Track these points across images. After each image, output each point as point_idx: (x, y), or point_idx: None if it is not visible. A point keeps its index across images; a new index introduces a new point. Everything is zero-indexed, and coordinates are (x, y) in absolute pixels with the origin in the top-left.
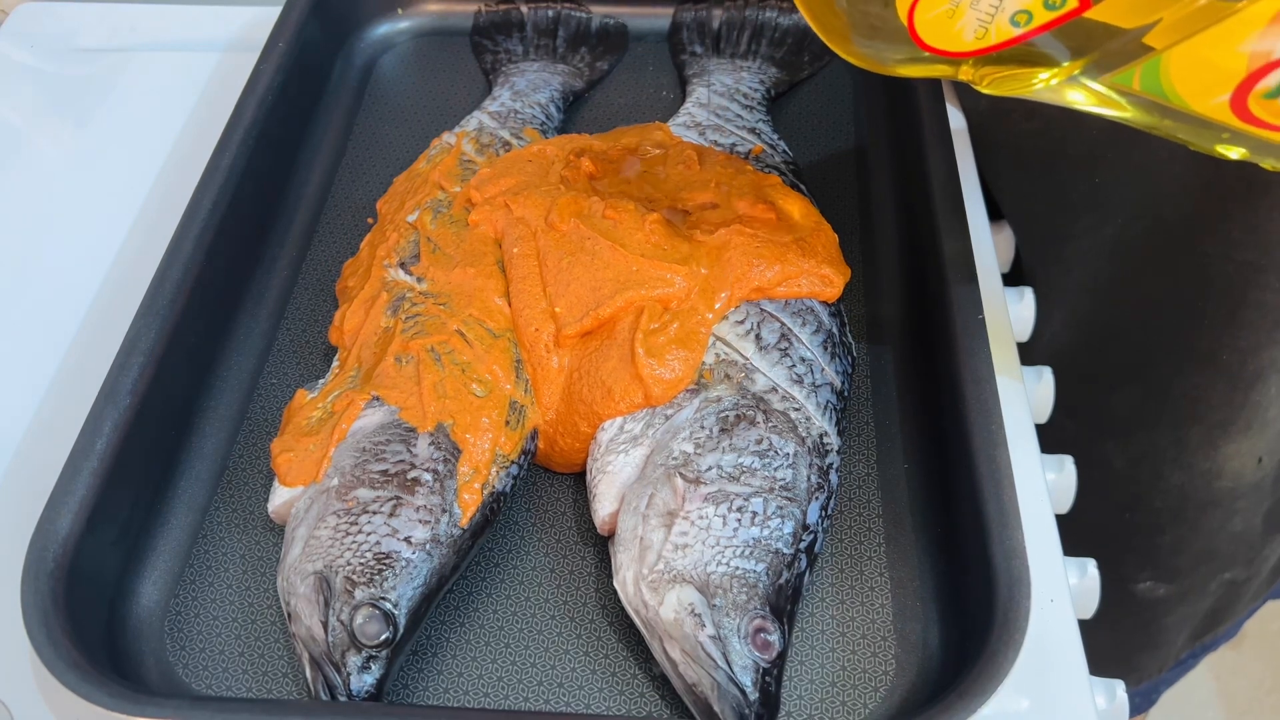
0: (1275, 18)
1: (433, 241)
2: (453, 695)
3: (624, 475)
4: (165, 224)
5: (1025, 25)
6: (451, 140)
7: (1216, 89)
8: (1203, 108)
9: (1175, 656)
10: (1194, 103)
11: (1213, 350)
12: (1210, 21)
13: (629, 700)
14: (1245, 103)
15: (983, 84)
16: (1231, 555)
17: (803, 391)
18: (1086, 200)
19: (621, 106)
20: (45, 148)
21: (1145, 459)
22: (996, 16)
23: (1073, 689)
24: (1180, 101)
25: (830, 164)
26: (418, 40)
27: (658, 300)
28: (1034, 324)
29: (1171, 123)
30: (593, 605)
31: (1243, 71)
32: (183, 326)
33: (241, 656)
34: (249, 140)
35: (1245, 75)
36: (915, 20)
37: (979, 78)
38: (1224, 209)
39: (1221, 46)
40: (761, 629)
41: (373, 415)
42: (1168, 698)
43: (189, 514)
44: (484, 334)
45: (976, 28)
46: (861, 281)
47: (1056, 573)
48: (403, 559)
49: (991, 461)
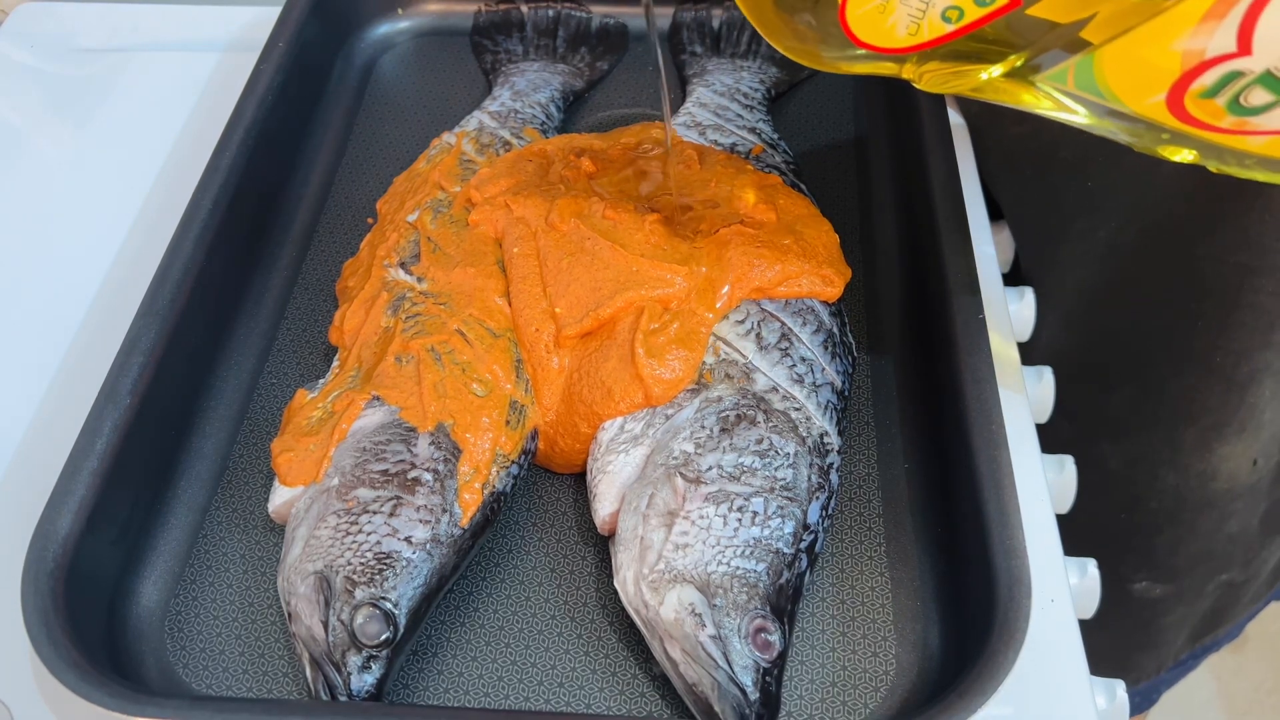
0: (1207, 15)
1: (433, 241)
2: (453, 695)
3: (624, 475)
4: (165, 224)
5: (957, 21)
6: (451, 140)
7: (1152, 88)
8: (1140, 107)
9: (1174, 657)
10: (1130, 102)
11: (1207, 352)
12: (1144, 17)
13: (629, 700)
14: (1181, 102)
15: (922, 81)
16: (1228, 556)
17: (803, 391)
18: (1080, 204)
19: (621, 106)
20: (45, 148)
21: (1141, 460)
22: (928, 13)
23: (1073, 689)
24: (1116, 100)
25: (830, 164)
26: (418, 40)
27: (658, 300)
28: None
29: (1112, 124)
30: (593, 605)
31: (1177, 70)
32: (183, 326)
33: (241, 656)
34: (249, 140)
35: (1180, 74)
36: (847, 17)
37: (919, 75)
38: (1216, 212)
39: (1156, 44)
40: (762, 629)
41: (373, 415)
42: (1168, 698)
43: (189, 514)
44: (484, 334)
45: (908, 24)
46: (862, 281)
47: (1057, 573)
48: (403, 559)
49: (992, 461)
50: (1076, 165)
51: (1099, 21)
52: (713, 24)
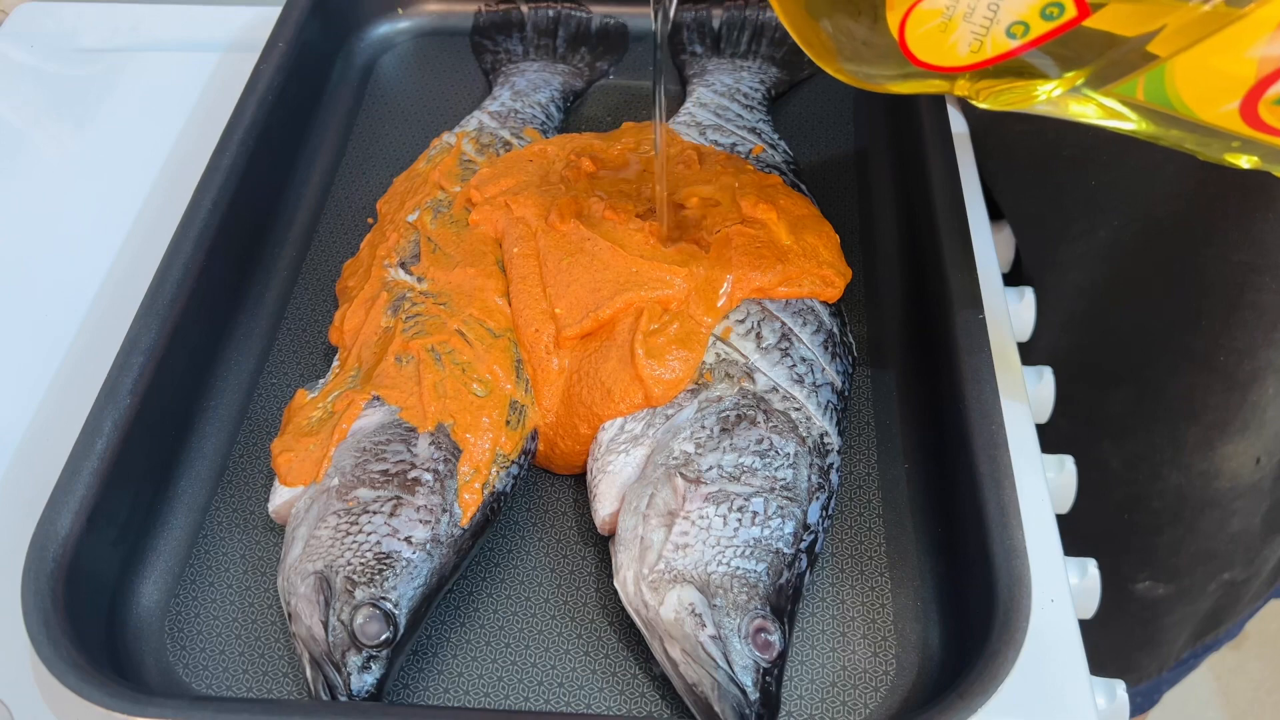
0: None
1: (433, 241)
2: (453, 695)
3: (624, 475)
4: (165, 224)
5: (1022, 37)
6: (451, 140)
7: (1225, 96)
8: (1211, 116)
9: (1176, 656)
10: (1201, 111)
11: (1209, 351)
12: (1216, 27)
13: (629, 700)
14: (1256, 110)
15: (979, 98)
16: (1230, 555)
17: (803, 391)
18: (1082, 202)
19: (621, 106)
20: (45, 148)
21: (1143, 459)
22: (992, 29)
23: (1073, 689)
24: (1187, 110)
25: (830, 164)
26: (418, 40)
27: (657, 302)
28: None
29: (1179, 132)
30: (593, 605)
31: (1252, 78)
32: (183, 326)
33: (241, 656)
34: (249, 140)
35: (1255, 81)
36: (907, 36)
37: (975, 92)
38: (1219, 210)
39: (1229, 53)
40: (762, 629)
41: (373, 415)
42: (1168, 697)
43: (189, 514)
44: (484, 334)
45: (971, 41)
46: (862, 281)
47: (1057, 573)
48: (403, 559)
49: (992, 461)
50: (1078, 163)
51: (1168, 33)
52: (713, 24)
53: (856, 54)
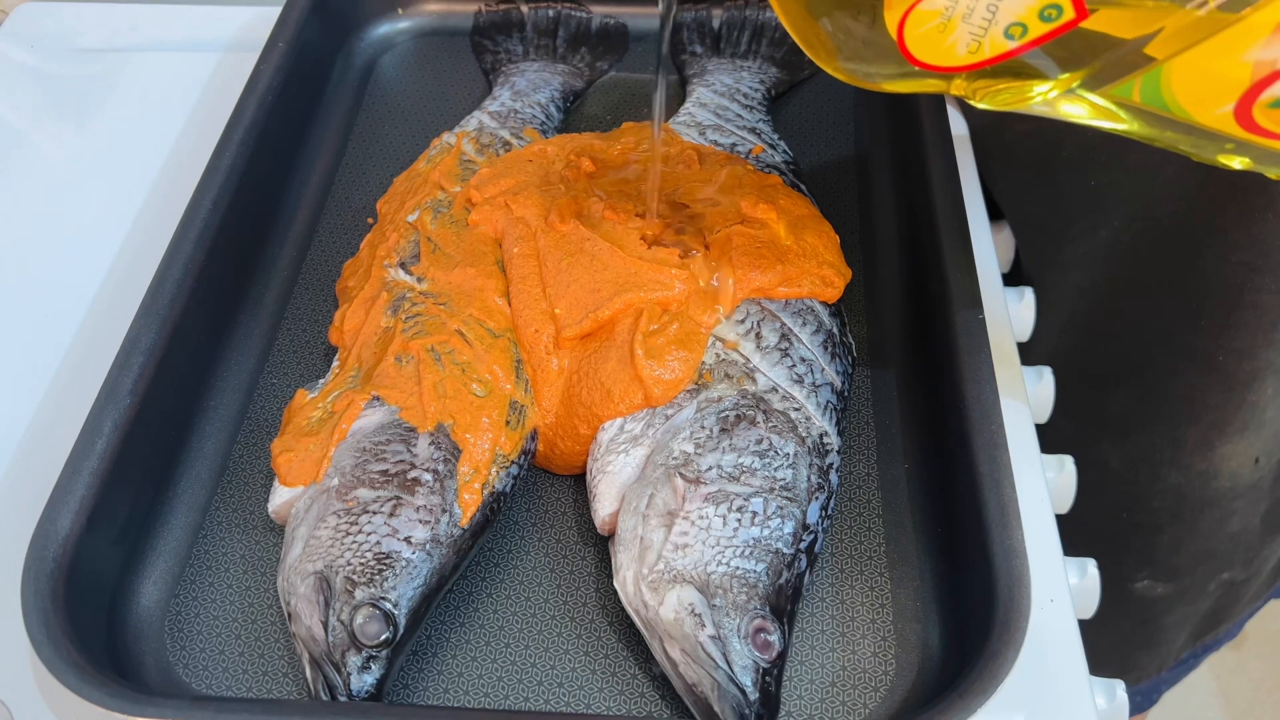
0: (1279, 26)
1: (433, 241)
2: (453, 695)
3: (624, 475)
4: (165, 224)
5: (1020, 38)
6: (451, 140)
7: (1220, 99)
8: (1206, 118)
9: (1175, 656)
10: (1197, 114)
11: (1209, 351)
12: (1213, 31)
13: (629, 700)
14: (1250, 113)
15: (976, 98)
16: (1230, 555)
17: (803, 391)
18: (1082, 203)
19: (621, 106)
20: (45, 148)
21: (1142, 459)
22: (990, 30)
23: (1073, 689)
24: (1183, 113)
25: (830, 164)
26: (418, 40)
27: (657, 302)
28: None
29: (1173, 134)
30: (593, 605)
31: (1247, 81)
32: (183, 326)
33: (241, 656)
34: (249, 140)
35: (1249, 85)
36: (905, 36)
37: (972, 92)
38: (1220, 211)
39: (1225, 56)
40: (761, 629)
41: (373, 415)
42: (1168, 697)
43: (189, 514)
44: (484, 334)
45: (969, 42)
46: (862, 282)
47: (1056, 573)
48: (403, 559)
49: (991, 461)
50: (1079, 164)
51: (1165, 36)
52: (713, 24)
53: (856, 53)
